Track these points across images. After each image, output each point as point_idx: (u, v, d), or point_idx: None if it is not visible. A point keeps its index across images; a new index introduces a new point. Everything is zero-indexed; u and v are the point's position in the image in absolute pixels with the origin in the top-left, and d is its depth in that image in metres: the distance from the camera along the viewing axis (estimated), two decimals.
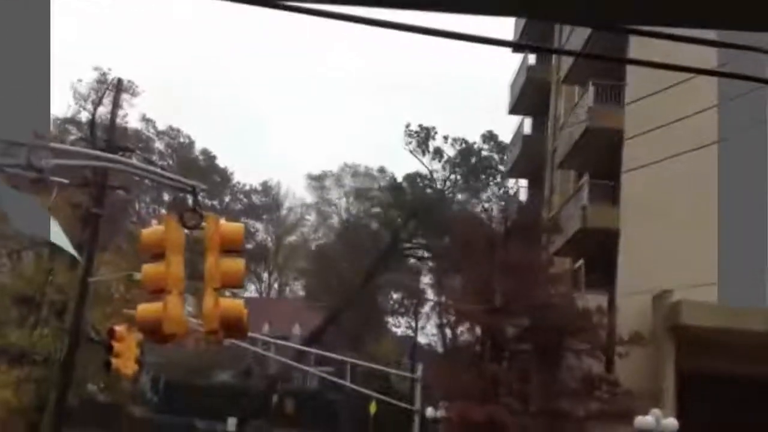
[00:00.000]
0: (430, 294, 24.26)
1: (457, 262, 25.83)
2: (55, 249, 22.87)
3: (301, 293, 79.42)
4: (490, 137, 57.07)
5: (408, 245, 66.93)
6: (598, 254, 27.29)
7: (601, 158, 27.95)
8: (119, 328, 19.80)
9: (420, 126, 59.93)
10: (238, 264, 9.98)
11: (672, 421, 23.22)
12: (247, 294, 76.78)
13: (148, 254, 9.91)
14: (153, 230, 10.01)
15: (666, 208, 25.91)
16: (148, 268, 9.83)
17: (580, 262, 29.18)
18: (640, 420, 23.09)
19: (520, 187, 33.74)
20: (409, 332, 69.27)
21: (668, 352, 24.58)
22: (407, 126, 59.45)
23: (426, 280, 59.86)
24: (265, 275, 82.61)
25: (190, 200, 10.08)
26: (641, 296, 25.28)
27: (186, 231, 9.80)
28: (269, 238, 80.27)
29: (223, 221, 10.06)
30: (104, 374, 30.43)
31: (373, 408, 51.18)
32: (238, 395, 58.61)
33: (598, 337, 24.60)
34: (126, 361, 19.77)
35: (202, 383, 60.82)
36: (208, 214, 10.02)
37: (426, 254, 65.34)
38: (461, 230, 26.24)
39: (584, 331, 24.23)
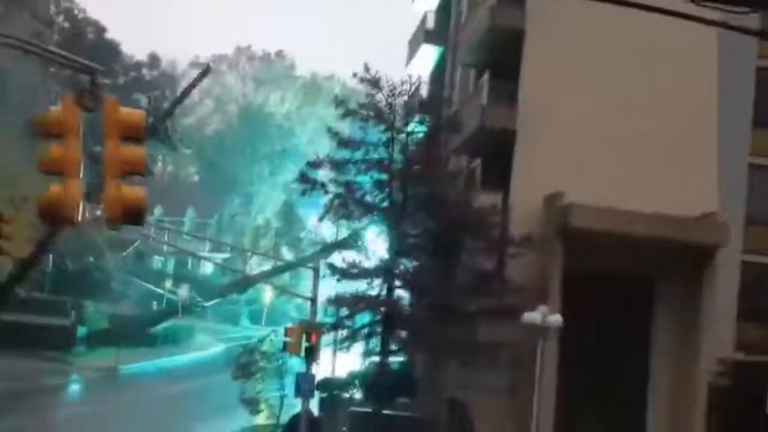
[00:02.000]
0: (331, 188, 24.40)
1: (354, 153, 25.75)
2: None
3: (195, 178, 78.50)
4: None
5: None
6: (496, 154, 27.71)
7: (502, 57, 28.06)
8: (7, 212, 19.17)
9: None
10: (139, 151, 9.76)
11: (557, 317, 24.30)
12: None
13: (44, 135, 9.60)
14: (50, 111, 9.69)
15: (563, 110, 26.39)
16: (45, 150, 9.54)
17: (477, 161, 29.60)
18: (528, 316, 24.06)
19: (420, 82, 33.63)
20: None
21: (556, 252, 25.46)
22: None
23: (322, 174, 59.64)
24: (159, 157, 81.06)
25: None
26: (534, 197, 25.96)
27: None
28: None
29: (123, 108, 9.76)
30: None
31: (267, 295, 51.84)
32: (130, 278, 58.20)
33: (491, 236, 25.22)
34: (17, 244, 19.22)
35: (92, 266, 59.99)
36: (107, 96, 9.67)
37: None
38: (361, 119, 26.06)
39: (478, 229, 24.78)
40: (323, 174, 26.47)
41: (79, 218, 9.65)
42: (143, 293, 54.62)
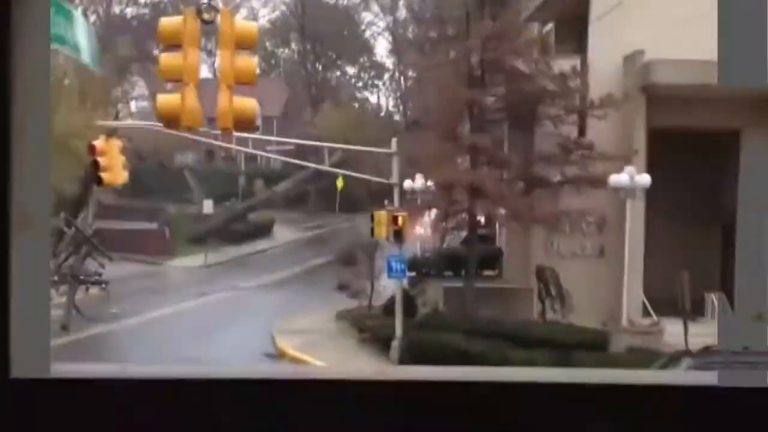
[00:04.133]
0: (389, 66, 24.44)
1: (426, 31, 25.50)
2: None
3: (257, 72, 78.46)
4: None
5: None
6: (569, 18, 27.12)
7: None
8: (98, 143, 19.47)
9: None
10: (251, 62, 10.05)
11: (645, 177, 24.20)
12: (202, 75, 75.49)
13: (164, 44, 9.88)
14: (170, 20, 9.90)
15: None
16: (166, 59, 9.84)
17: (550, 26, 29.03)
18: (615, 178, 24.01)
19: None
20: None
21: (639, 112, 25.10)
22: None
23: (381, 52, 58.75)
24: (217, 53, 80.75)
25: None
26: (613, 57, 25.44)
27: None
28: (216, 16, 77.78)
29: (238, 20, 9.96)
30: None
31: (340, 183, 52.16)
32: (204, 178, 59.14)
33: (572, 102, 24.94)
34: (115, 172, 19.66)
35: (167, 167, 60.96)
36: (223, 9, 9.89)
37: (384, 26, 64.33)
38: None
39: (558, 96, 24.51)
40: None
41: (199, 124, 9.95)
42: (220, 192, 55.56)
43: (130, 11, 65.70)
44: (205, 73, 77.17)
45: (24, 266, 1.74)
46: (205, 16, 9.60)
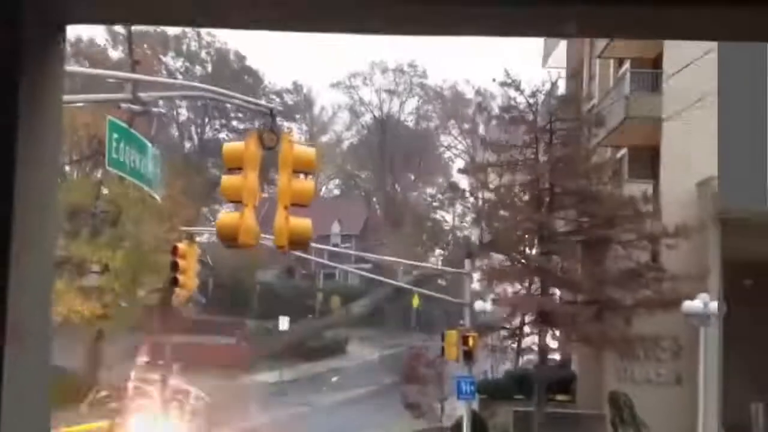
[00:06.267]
0: (464, 187, 25.32)
1: (499, 156, 26.11)
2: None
3: (336, 192, 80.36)
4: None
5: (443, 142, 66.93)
6: (642, 144, 27.42)
7: (642, 45, 27.73)
8: (181, 246, 20.42)
9: None
10: (308, 184, 10.64)
11: (718, 305, 23.80)
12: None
13: (228, 166, 10.59)
14: (234, 145, 10.64)
15: (711, 94, 25.82)
16: (227, 180, 10.54)
17: (623, 152, 29.33)
18: (688, 305, 23.66)
19: (558, 79, 33.62)
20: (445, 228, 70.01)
21: (714, 239, 24.90)
22: None
23: (455, 172, 59.65)
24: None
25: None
26: (686, 184, 25.50)
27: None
28: (302, 138, 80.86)
29: (297, 144, 10.65)
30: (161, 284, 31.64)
31: (415, 302, 52.38)
32: (283, 294, 60.05)
33: (643, 227, 24.98)
34: (189, 276, 20.46)
35: (247, 283, 62.13)
36: (284, 135, 10.60)
37: (460, 148, 65.69)
38: (504, 123, 26.35)
39: (630, 220, 24.60)
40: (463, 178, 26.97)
41: (255, 242, 10.50)
42: (298, 309, 56.28)
43: (222, 137, 68.84)
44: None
45: (18, 380, 1.62)
46: (267, 142, 10.28)
